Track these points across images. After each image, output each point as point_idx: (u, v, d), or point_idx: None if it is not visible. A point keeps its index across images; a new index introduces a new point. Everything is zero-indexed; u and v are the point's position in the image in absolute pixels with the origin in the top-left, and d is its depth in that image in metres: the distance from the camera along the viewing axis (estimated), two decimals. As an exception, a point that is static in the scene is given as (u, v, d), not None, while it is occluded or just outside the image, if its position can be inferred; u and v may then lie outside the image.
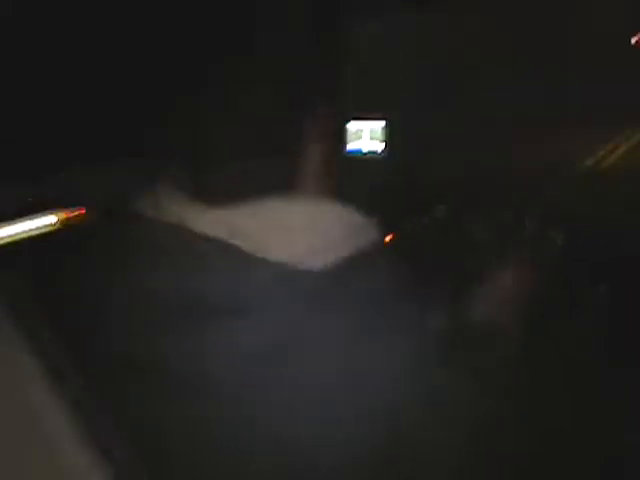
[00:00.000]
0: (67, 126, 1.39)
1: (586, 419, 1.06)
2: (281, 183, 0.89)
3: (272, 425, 0.78)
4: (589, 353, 1.21)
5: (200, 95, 0.96)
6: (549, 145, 1.51)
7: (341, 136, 1.40)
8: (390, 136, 1.51)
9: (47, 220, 1.40)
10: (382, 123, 1.52)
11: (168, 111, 1.02)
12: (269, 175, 0.89)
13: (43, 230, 1.38)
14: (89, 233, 1.16)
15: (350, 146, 1.49)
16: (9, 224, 1.32)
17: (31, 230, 1.36)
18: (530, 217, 1.39)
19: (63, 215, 1.39)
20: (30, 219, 1.38)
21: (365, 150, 1.50)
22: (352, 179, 1.06)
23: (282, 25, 1.08)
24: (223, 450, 0.80)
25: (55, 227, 1.39)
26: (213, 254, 0.84)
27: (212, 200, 0.88)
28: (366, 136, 1.50)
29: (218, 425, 0.80)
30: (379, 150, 1.51)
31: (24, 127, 1.37)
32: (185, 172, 0.93)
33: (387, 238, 1.38)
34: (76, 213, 1.37)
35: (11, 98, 1.34)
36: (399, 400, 0.79)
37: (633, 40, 1.54)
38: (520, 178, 1.45)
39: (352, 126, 1.49)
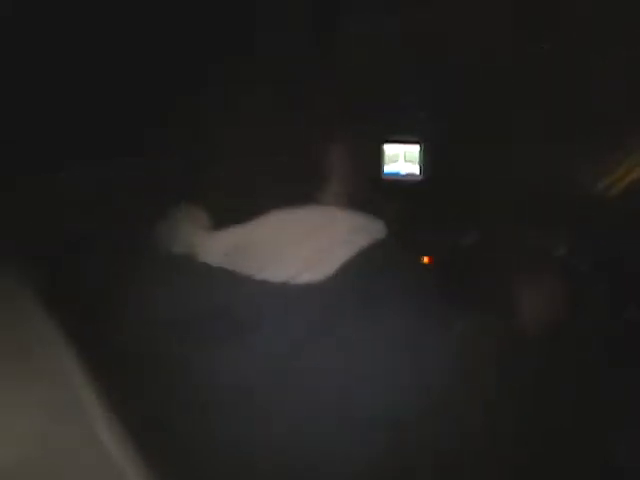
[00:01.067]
0: (67, 126, 1.39)
1: (586, 419, 1.06)
2: (286, 197, 0.90)
3: (272, 428, 0.79)
4: (589, 353, 1.21)
5: (200, 95, 0.96)
6: (578, 164, 1.51)
7: (376, 158, 1.40)
8: (425, 159, 1.52)
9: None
10: (417, 147, 1.53)
11: (168, 111, 1.02)
12: (271, 189, 0.90)
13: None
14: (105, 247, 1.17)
15: (387, 168, 1.50)
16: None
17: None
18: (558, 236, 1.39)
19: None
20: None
21: (403, 173, 1.51)
22: (389, 201, 1.06)
23: (282, 25, 1.08)
24: (224, 451, 0.80)
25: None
26: (218, 273, 0.85)
27: (217, 220, 0.89)
28: (402, 159, 1.51)
29: (219, 427, 0.81)
30: (417, 172, 1.52)
31: (24, 127, 1.37)
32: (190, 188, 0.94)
33: (425, 259, 1.38)
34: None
35: (11, 98, 1.34)
36: (401, 406, 0.79)
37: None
38: (549, 195, 1.46)
39: (389, 149, 1.49)
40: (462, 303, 0.87)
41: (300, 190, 0.90)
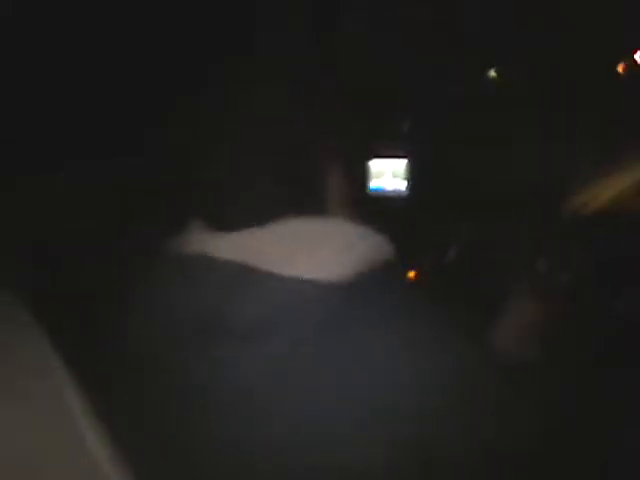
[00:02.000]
0: (67, 126, 1.39)
1: (586, 419, 1.06)
2: (296, 205, 0.90)
3: (272, 428, 0.79)
4: (589, 353, 1.21)
5: (200, 95, 0.96)
6: (578, 163, 1.51)
7: (363, 173, 1.39)
8: (412, 174, 1.50)
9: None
10: (404, 162, 1.51)
11: (168, 111, 1.02)
12: (284, 197, 0.90)
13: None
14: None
15: (373, 184, 1.48)
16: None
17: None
18: (548, 247, 1.39)
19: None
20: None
21: (388, 188, 1.49)
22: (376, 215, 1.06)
23: (282, 25, 1.08)
24: (224, 451, 0.80)
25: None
26: (232, 277, 0.85)
27: (230, 225, 0.89)
28: (388, 174, 1.49)
29: (219, 427, 0.81)
30: (402, 189, 1.50)
31: (24, 127, 1.37)
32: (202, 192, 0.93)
33: (411, 274, 1.38)
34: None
35: (11, 98, 1.35)
36: (402, 406, 0.79)
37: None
38: (537, 206, 1.45)
39: (374, 165, 1.47)
40: (462, 305, 0.88)
41: (299, 192, 0.90)
